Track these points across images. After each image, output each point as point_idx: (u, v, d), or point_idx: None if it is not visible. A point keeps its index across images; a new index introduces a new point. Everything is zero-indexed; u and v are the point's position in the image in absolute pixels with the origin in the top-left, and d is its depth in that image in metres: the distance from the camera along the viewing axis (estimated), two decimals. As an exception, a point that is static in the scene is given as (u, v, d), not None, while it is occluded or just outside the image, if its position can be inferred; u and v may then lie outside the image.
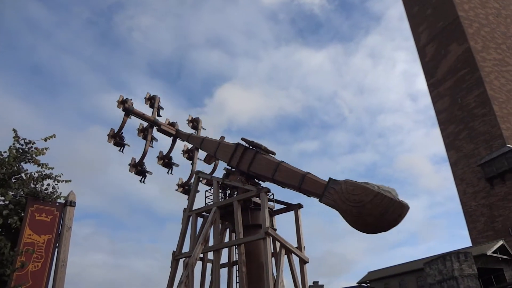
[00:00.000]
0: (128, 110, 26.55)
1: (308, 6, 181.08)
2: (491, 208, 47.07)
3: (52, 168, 9.38)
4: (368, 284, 56.13)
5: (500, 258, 45.70)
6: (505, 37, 56.24)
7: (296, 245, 22.74)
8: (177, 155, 33.11)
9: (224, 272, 23.74)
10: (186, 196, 26.92)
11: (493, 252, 44.81)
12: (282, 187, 21.88)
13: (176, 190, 28.36)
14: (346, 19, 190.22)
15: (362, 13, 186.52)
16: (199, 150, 28.62)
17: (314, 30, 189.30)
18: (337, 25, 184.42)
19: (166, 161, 28.82)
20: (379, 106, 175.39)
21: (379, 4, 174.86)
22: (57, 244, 9.77)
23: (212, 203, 23.90)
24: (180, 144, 29.40)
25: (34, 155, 9.17)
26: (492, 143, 47.22)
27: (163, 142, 29.63)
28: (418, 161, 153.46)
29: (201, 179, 26.05)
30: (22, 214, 9.25)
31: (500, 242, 45.79)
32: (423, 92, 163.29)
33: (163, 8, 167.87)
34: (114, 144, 26.72)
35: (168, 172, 28.90)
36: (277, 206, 24.55)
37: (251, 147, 23.33)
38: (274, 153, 23.30)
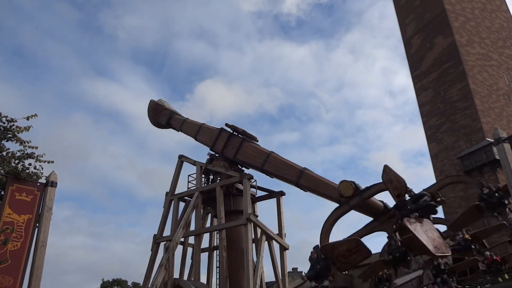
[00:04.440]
0: None
1: (285, 17, 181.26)
2: (468, 200, 47.93)
3: (35, 148, 9.23)
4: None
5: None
6: (489, 31, 56.81)
7: (277, 232, 22.90)
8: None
9: (204, 256, 23.85)
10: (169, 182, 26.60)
11: (468, 243, 45.60)
12: (271, 177, 21.87)
13: None
14: (328, 16, 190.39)
15: (343, 11, 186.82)
16: None
17: (296, 26, 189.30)
18: (318, 22, 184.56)
19: None
20: (359, 101, 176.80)
21: (360, 3, 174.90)
22: (37, 224, 9.68)
23: (194, 188, 23.87)
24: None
25: (16, 133, 9.00)
26: (472, 136, 47.89)
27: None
28: (392, 155, 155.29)
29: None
30: (2, 193, 9.13)
31: (476, 234, 46.67)
32: (402, 89, 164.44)
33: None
34: None
35: None
36: (260, 193, 24.67)
37: (235, 133, 23.27)
38: (256, 140, 23.32)
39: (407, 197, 11.11)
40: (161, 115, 28.03)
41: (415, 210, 10.51)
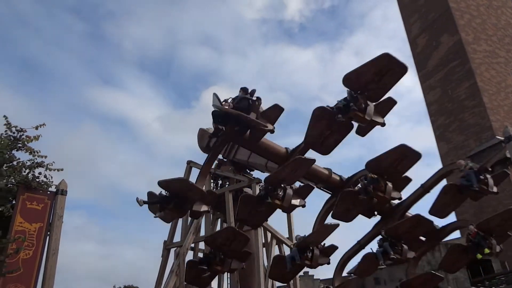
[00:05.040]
0: None
1: (287, 24, 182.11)
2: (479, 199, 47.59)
3: (45, 157, 9.31)
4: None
5: (488, 248, 46.04)
6: (496, 28, 56.48)
7: (287, 236, 22.83)
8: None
9: (215, 261, 23.79)
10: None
11: (481, 243, 45.06)
12: (262, 171, 21.15)
13: None
14: (332, 19, 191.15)
15: (346, 14, 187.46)
16: None
17: (299, 31, 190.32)
18: (322, 26, 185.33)
19: None
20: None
21: (363, 5, 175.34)
22: (49, 233, 9.73)
23: (203, 193, 23.85)
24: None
25: (26, 143, 9.08)
26: (482, 134, 47.51)
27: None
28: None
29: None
30: (14, 202, 9.19)
31: (488, 233, 46.12)
32: (408, 89, 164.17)
33: (153, 5, 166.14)
34: None
35: None
36: (269, 197, 24.53)
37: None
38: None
39: None
40: (203, 140, 27.96)
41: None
